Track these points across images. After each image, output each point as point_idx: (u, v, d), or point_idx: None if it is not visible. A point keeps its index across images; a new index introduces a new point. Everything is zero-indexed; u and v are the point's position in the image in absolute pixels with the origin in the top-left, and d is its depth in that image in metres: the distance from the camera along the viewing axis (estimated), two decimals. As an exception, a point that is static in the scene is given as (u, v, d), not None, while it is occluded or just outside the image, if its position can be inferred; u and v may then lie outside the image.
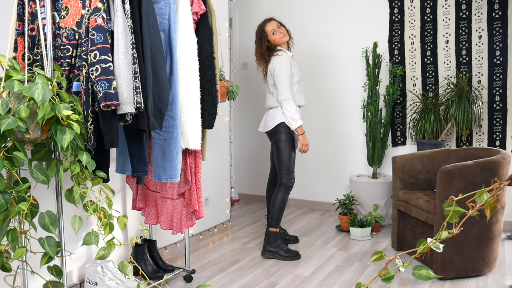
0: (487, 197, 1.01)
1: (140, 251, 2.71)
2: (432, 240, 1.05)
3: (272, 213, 3.20)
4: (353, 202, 3.79)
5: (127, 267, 1.81)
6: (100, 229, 1.95)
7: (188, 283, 2.71)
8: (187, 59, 2.34)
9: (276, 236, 3.17)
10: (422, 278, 1.04)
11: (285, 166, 3.19)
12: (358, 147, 4.33)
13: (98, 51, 1.84)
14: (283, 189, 3.20)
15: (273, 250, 3.14)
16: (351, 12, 4.27)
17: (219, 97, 2.66)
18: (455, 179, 2.62)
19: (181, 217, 2.61)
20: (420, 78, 4.00)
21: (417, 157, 3.24)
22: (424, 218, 2.88)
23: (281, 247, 3.14)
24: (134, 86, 1.94)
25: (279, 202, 3.19)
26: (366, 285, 1.08)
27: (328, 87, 4.44)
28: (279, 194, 3.20)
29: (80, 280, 2.61)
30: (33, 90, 1.61)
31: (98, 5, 1.87)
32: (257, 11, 4.77)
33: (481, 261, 2.70)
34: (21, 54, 2.07)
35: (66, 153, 1.73)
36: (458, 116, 3.54)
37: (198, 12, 2.48)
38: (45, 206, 2.28)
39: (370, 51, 4.15)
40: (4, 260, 1.77)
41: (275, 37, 3.21)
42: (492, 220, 2.67)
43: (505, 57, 3.63)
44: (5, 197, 1.64)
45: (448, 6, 3.83)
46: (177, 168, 2.33)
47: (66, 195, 1.85)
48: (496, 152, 2.88)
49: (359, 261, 3.05)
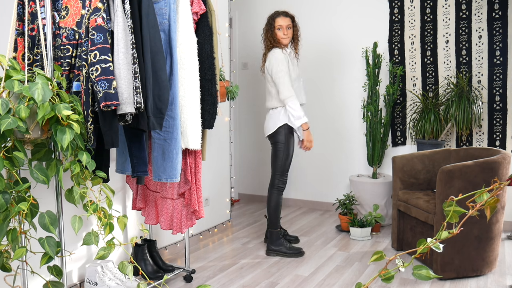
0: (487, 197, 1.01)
1: (140, 251, 2.71)
2: (432, 240, 1.05)
3: (269, 215, 3.24)
4: (353, 202, 3.79)
5: (127, 267, 1.81)
6: (100, 229, 1.95)
7: (188, 283, 2.71)
8: (187, 59, 2.34)
9: (278, 234, 3.20)
10: (422, 278, 1.04)
11: (279, 167, 3.20)
12: (358, 147, 4.33)
13: (98, 51, 1.84)
14: (275, 190, 3.22)
15: (276, 248, 3.17)
16: (351, 12, 4.27)
17: (219, 97, 2.66)
18: (455, 179, 2.62)
19: (181, 217, 2.61)
20: (420, 78, 4.00)
21: (417, 157, 3.24)
22: (424, 218, 2.88)
23: (284, 244, 3.18)
24: (134, 86, 1.94)
25: (274, 203, 3.22)
26: (366, 285, 1.08)
27: (328, 87, 4.44)
28: (273, 196, 3.23)
29: (80, 280, 2.61)
30: (33, 90, 1.61)
31: (98, 5, 1.87)
32: (257, 11, 4.77)
33: (481, 261, 2.70)
34: (21, 54, 2.07)
35: (66, 153, 1.73)
36: (458, 116, 3.54)
37: (198, 12, 2.48)
38: (45, 206, 2.28)
39: (370, 51, 4.15)
40: (4, 260, 1.77)
41: (278, 33, 3.20)
42: (492, 220, 2.67)
43: (505, 57, 3.63)
44: (5, 197, 1.64)
45: (448, 6, 3.83)
46: (177, 168, 2.33)
47: (66, 195, 1.85)
48: (496, 152, 2.88)
49: (359, 261, 3.05)
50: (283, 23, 3.19)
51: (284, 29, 3.19)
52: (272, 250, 3.19)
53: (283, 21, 3.20)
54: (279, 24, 3.20)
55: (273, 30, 3.21)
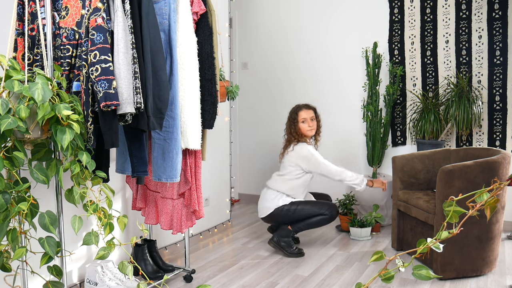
0: (487, 197, 1.01)
1: (140, 251, 2.71)
2: (432, 240, 1.05)
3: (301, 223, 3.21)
4: (353, 202, 3.79)
5: (127, 267, 1.81)
6: (100, 229, 1.95)
7: (188, 283, 2.71)
8: (187, 59, 2.34)
9: (290, 233, 3.20)
10: (422, 278, 1.04)
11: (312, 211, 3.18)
12: (358, 147, 4.33)
13: (98, 51, 1.84)
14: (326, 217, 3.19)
15: (282, 244, 3.16)
16: (351, 12, 4.27)
17: (219, 97, 2.66)
18: (455, 179, 2.62)
19: (181, 217, 2.61)
20: (420, 78, 4.00)
21: (417, 157, 3.24)
22: (424, 218, 2.88)
23: (291, 244, 3.17)
24: (134, 86, 1.94)
25: (314, 220, 3.19)
26: (366, 285, 1.08)
27: (328, 87, 4.44)
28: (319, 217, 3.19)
29: (80, 280, 2.61)
30: (33, 90, 1.61)
31: (98, 5, 1.87)
32: (257, 11, 4.77)
33: (481, 261, 2.70)
34: (21, 54, 2.07)
35: (66, 153, 1.73)
36: (458, 116, 3.54)
37: (198, 12, 2.48)
38: (45, 206, 2.28)
39: (370, 51, 4.15)
40: (4, 260, 1.77)
41: (303, 126, 3.23)
42: (492, 220, 2.67)
43: (505, 57, 3.63)
44: (5, 197, 1.64)
45: (448, 6, 3.83)
46: (177, 168, 2.33)
47: (66, 195, 1.85)
48: (496, 152, 2.88)
49: (359, 261, 3.05)
50: (307, 116, 3.24)
51: (308, 122, 3.24)
52: (277, 243, 3.17)
53: (306, 114, 3.24)
54: (303, 118, 3.23)
55: (297, 124, 3.24)
